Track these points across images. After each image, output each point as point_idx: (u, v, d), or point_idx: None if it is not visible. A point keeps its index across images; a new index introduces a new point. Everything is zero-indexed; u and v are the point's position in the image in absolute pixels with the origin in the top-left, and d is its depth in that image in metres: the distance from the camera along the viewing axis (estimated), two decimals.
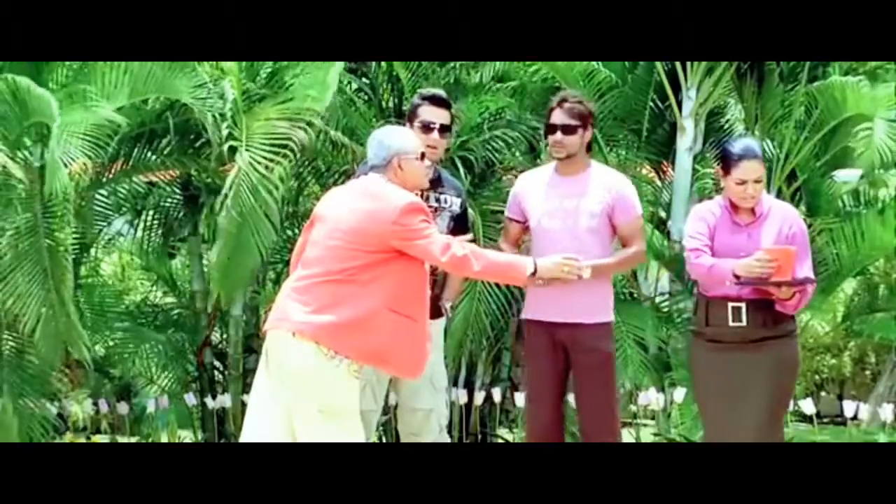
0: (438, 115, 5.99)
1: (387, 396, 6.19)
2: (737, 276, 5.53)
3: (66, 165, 7.21)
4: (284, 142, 7.61)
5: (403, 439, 6.13)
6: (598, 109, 7.43)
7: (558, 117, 6.02)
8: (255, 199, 7.56)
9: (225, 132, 7.73)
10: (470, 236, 5.68)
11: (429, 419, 6.01)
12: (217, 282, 7.85)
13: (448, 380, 6.78)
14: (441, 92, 6.17)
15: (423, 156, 5.38)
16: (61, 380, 8.07)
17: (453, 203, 6.06)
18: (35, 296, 7.58)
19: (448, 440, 6.27)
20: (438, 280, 5.96)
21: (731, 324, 5.59)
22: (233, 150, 7.67)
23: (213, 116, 7.73)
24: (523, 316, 6.23)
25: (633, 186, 6.23)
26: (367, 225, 5.12)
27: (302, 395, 5.09)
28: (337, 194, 5.41)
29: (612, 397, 6.06)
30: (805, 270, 5.60)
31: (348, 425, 5.14)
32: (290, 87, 7.94)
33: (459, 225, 6.02)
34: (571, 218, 5.99)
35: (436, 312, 5.94)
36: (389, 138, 5.34)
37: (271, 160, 7.59)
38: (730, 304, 5.58)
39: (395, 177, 5.28)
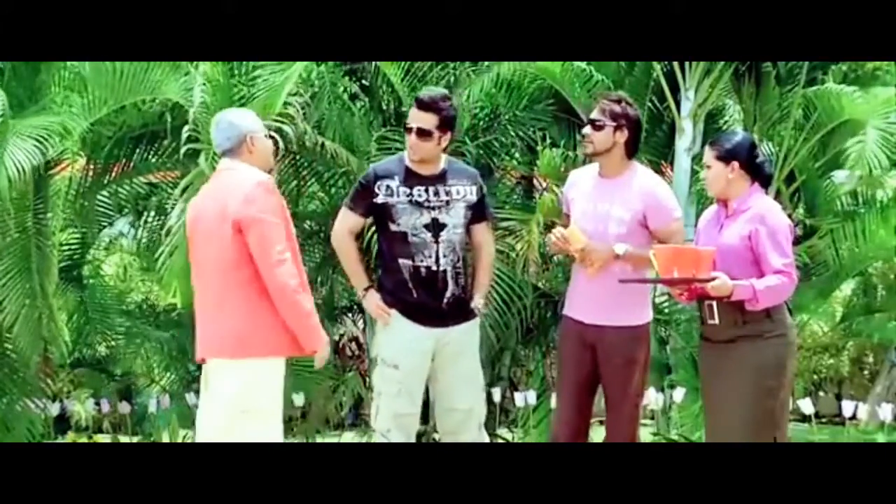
0: (417, 119, 5.81)
1: None
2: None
3: (59, 165, 7.27)
4: None
5: (442, 439, 6.06)
6: None
7: (593, 113, 5.95)
8: None
9: (185, 134, 7.76)
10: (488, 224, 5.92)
11: (470, 417, 5.93)
12: (170, 278, 7.85)
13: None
14: (424, 94, 5.92)
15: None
16: (63, 379, 8.10)
17: (466, 192, 5.93)
18: (17, 290, 7.65)
19: (486, 439, 6.15)
20: (455, 273, 5.87)
21: (708, 321, 5.58)
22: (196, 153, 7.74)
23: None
24: (563, 311, 6.08)
25: (669, 190, 6.08)
26: (237, 207, 5.17)
27: (239, 406, 5.25)
28: (198, 204, 5.44)
29: (631, 402, 5.90)
30: (763, 268, 5.42)
31: (269, 423, 5.29)
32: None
33: (477, 213, 5.96)
34: (602, 223, 5.85)
35: (468, 314, 5.91)
36: (239, 119, 5.40)
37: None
38: (705, 303, 5.57)
39: (248, 156, 5.31)
